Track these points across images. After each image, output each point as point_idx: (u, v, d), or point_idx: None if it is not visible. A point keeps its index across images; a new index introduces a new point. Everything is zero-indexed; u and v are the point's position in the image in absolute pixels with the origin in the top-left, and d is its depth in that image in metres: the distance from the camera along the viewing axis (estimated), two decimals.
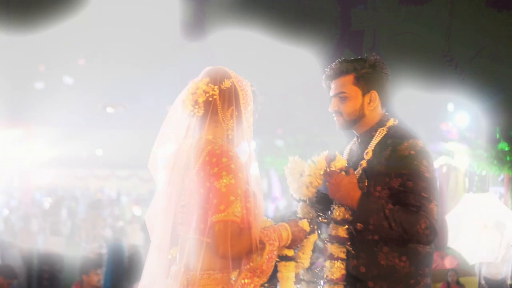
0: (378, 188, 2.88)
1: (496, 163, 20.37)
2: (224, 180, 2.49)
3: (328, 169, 2.90)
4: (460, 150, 20.89)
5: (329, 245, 2.96)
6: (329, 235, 2.97)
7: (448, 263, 9.63)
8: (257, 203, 2.63)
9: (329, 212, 3.02)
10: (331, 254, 2.95)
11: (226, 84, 2.68)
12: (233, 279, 2.56)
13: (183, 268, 2.65)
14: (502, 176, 20.73)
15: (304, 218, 3.02)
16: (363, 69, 3.03)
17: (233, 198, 2.48)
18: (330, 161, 2.91)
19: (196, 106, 2.65)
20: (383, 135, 3.01)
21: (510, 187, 20.24)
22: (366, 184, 2.91)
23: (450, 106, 24.08)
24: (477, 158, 20.67)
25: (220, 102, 2.67)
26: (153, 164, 2.80)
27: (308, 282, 3.09)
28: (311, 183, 2.92)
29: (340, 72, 3.06)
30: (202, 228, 2.55)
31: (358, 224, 2.85)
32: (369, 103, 3.04)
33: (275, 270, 2.75)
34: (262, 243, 2.56)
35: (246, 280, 2.56)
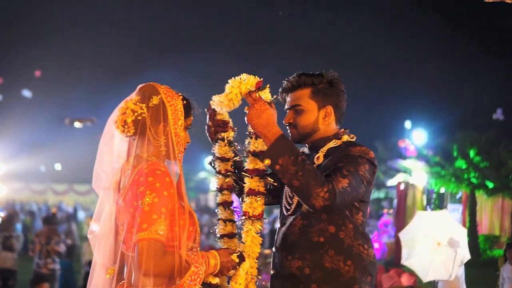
0: None
1: (454, 181, 20.66)
2: (147, 199, 2.49)
3: (257, 93, 2.85)
4: (417, 167, 21.12)
5: (248, 180, 2.95)
6: (247, 169, 2.95)
7: (405, 281, 9.66)
8: (192, 220, 2.63)
9: (244, 146, 3.03)
10: (250, 189, 2.93)
11: (154, 101, 2.67)
12: None
13: (126, 284, 2.65)
14: (460, 194, 21.02)
15: (222, 159, 3.11)
16: (320, 84, 3.03)
17: (156, 216, 2.48)
18: (259, 87, 2.86)
19: (126, 126, 2.65)
20: (336, 144, 3.01)
21: (468, 205, 20.52)
22: None
23: (408, 124, 24.40)
24: (435, 176, 20.93)
25: (149, 119, 2.66)
26: (96, 184, 2.80)
27: (225, 221, 3.11)
28: (236, 95, 2.85)
29: (297, 85, 3.05)
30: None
31: (266, 159, 2.80)
32: (324, 117, 3.04)
33: None
34: (188, 263, 2.55)
35: None
